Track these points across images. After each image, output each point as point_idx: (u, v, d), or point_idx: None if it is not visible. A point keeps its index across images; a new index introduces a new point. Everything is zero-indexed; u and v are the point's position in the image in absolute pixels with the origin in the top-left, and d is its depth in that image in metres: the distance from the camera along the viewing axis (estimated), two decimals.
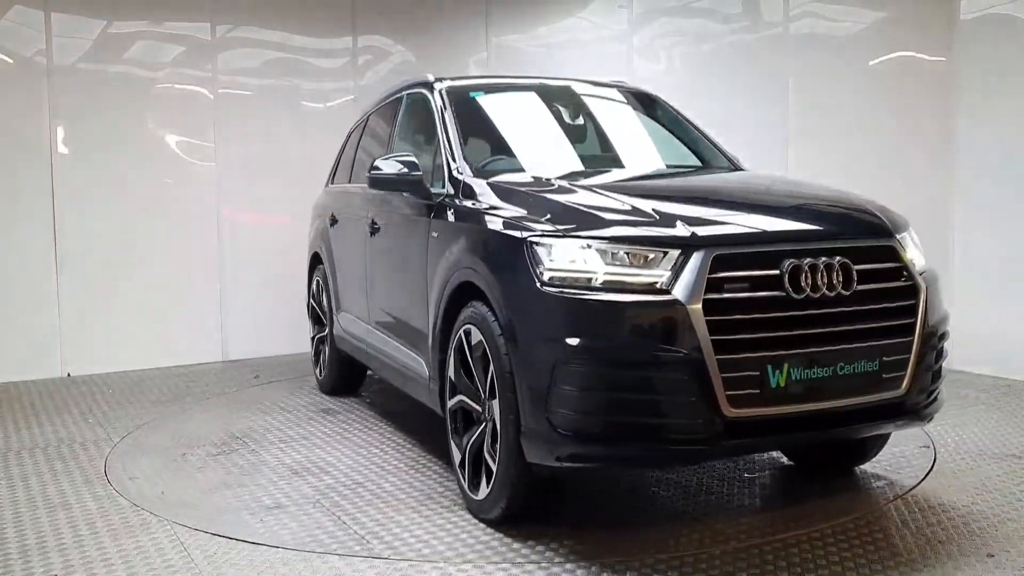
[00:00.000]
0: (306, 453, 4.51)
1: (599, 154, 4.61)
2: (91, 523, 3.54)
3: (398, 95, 5.14)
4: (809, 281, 3.05)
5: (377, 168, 4.17)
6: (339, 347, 5.57)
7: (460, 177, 3.96)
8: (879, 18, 6.62)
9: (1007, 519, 3.40)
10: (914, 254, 3.41)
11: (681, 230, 3.08)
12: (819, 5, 6.81)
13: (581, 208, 3.34)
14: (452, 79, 4.76)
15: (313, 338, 6.15)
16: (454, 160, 4.07)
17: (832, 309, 3.08)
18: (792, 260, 3.05)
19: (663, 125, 4.91)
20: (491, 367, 3.28)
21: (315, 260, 6.10)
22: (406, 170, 4.11)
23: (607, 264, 3.03)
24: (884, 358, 3.14)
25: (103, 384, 6.34)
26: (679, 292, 2.94)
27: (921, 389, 3.30)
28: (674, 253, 3.00)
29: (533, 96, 4.85)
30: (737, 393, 2.92)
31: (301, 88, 7.62)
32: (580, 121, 4.78)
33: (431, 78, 4.76)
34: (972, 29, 6.14)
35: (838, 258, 3.11)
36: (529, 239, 3.17)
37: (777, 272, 3.03)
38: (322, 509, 3.68)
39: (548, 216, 3.29)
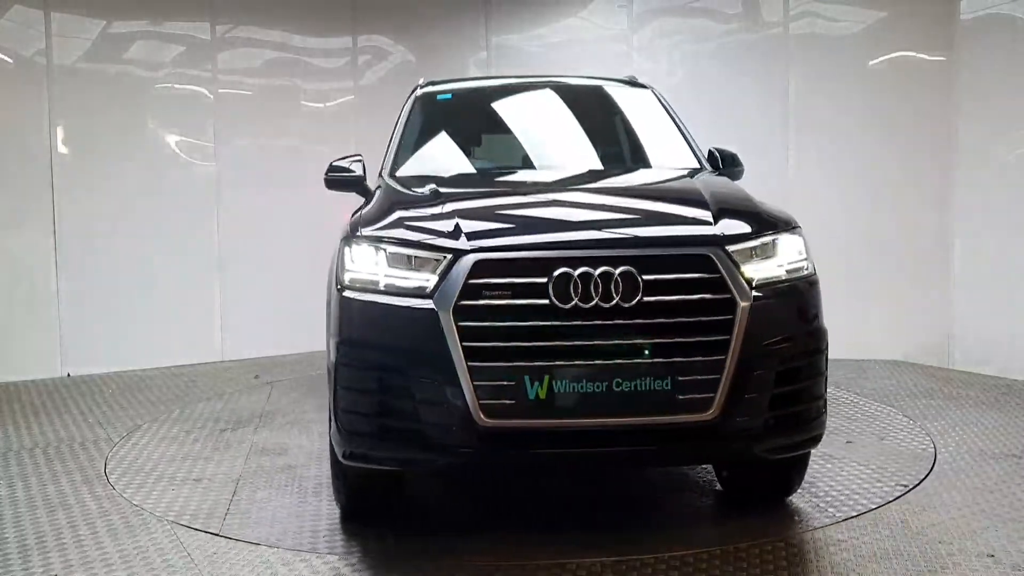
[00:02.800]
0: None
1: (532, 154, 4.51)
2: (91, 523, 3.54)
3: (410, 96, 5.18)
4: (579, 291, 2.88)
5: (329, 168, 4.29)
6: None
7: (382, 177, 4.12)
8: (879, 18, 6.62)
9: (1007, 519, 3.40)
10: (757, 266, 3.06)
11: (455, 235, 3.06)
12: (819, 5, 6.81)
13: (394, 211, 3.40)
14: (436, 82, 4.91)
15: None
16: (385, 160, 4.28)
17: (607, 321, 2.88)
18: (564, 269, 2.90)
19: (630, 122, 4.72)
20: None
21: None
22: (351, 171, 4.24)
23: (389, 267, 3.07)
24: (679, 377, 2.87)
25: (103, 384, 6.34)
26: (437, 297, 2.93)
27: (747, 416, 2.95)
28: (444, 258, 2.99)
29: (506, 96, 4.89)
30: (491, 403, 2.86)
31: (301, 88, 7.62)
32: (542, 121, 4.74)
33: (421, 81, 4.90)
34: (972, 29, 6.14)
35: (621, 268, 2.89)
36: (341, 240, 3.29)
37: (544, 280, 2.90)
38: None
39: (370, 218, 3.38)
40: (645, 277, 2.90)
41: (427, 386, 2.92)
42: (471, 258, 2.95)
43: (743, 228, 3.16)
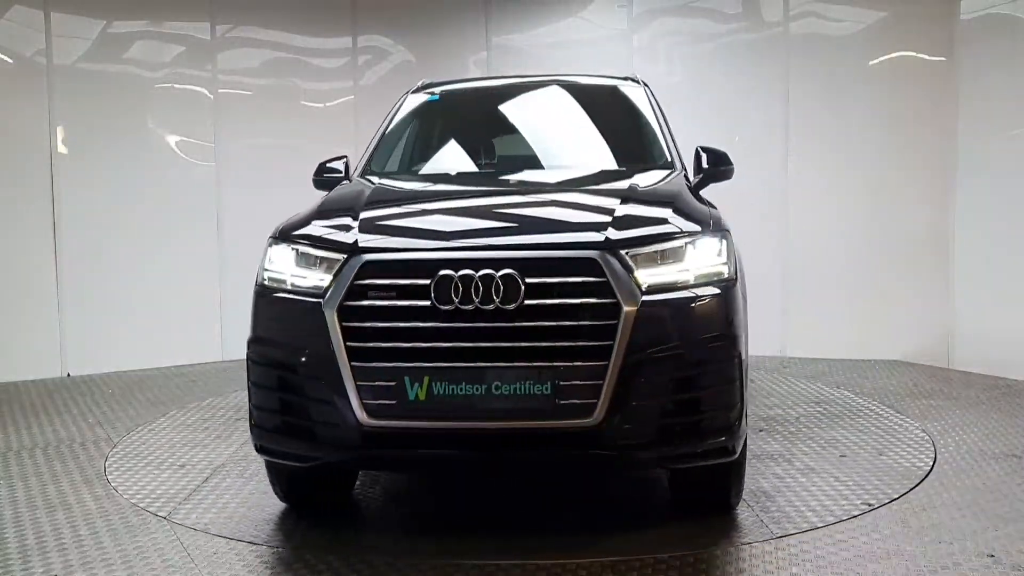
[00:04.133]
0: None
1: (500, 155, 4.57)
2: (91, 523, 3.54)
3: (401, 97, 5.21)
4: (460, 293, 2.87)
5: (317, 170, 4.38)
6: None
7: (350, 177, 4.22)
8: (879, 18, 6.63)
9: (1007, 519, 3.40)
10: (655, 270, 2.98)
11: (350, 236, 3.12)
12: (819, 5, 6.81)
13: (318, 212, 3.46)
14: (435, 83, 4.96)
15: None
16: (361, 160, 4.39)
17: (487, 323, 2.86)
18: (447, 271, 2.90)
19: (610, 121, 4.66)
20: None
21: None
22: (337, 171, 4.30)
23: (296, 267, 3.14)
24: (560, 382, 2.83)
25: (103, 384, 6.34)
26: (327, 297, 2.98)
27: (633, 423, 2.88)
28: (338, 258, 3.05)
29: (491, 97, 4.93)
30: (374, 403, 2.89)
31: (301, 88, 7.62)
32: (519, 122, 4.76)
33: (422, 82, 4.94)
34: (972, 29, 6.14)
35: (504, 271, 2.88)
36: (269, 238, 3.35)
37: (427, 282, 2.91)
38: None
39: (296, 219, 3.45)
40: (528, 280, 2.88)
41: (316, 385, 2.98)
42: (359, 259, 3.00)
43: (643, 231, 3.09)
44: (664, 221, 3.19)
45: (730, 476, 3.33)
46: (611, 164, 4.27)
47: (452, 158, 4.59)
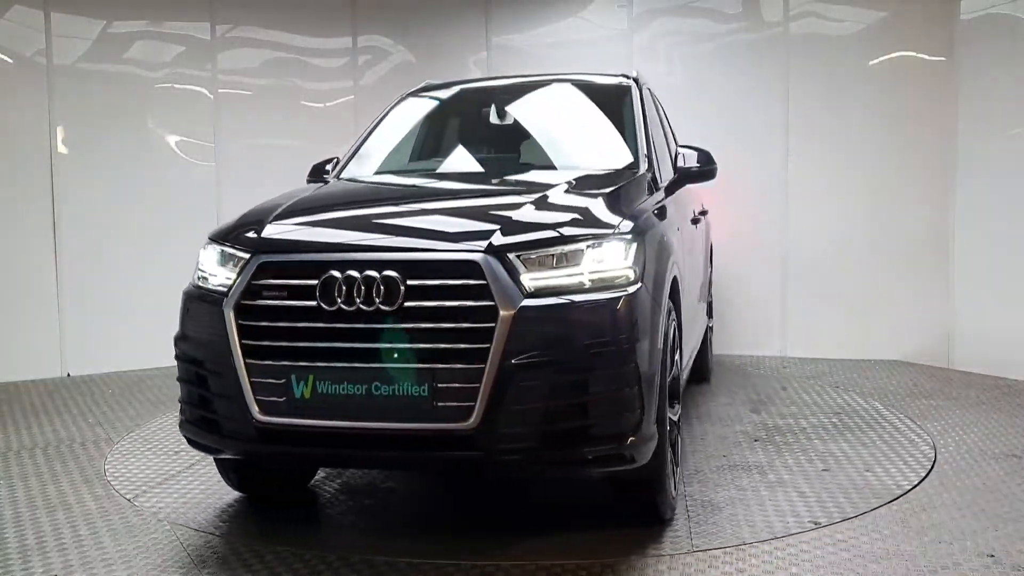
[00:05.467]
0: None
1: (467, 157, 4.58)
2: (91, 523, 3.54)
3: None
4: (343, 294, 2.92)
5: (310, 172, 4.57)
6: None
7: (325, 179, 4.39)
8: (879, 18, 6.63)
9: (1007, 519, 3.40)
10: (544, 274, 2.93)
11: (256, 236, 3.23)
12: (819, 5, 6.81)
13: (254, 213, 3.52)
14: (436, 84, 5.04)
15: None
16: (341, 161, 4.57)
17: (368, 324, 2.90)
18: (333, 272, 2.95)
19: (584, 122, 4.63)
20: None
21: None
22: (326, 171, 4.49)
23: (216, 267, 3.27)
24: (438, 384, 2.83)
25: (103, 384, 6.34)
26: (228, 295, 3.10)
27: (511, 427, 2.84)
28: (243, 257, 3.15)
29: (479, 98, 4.96)
30: (266, 400, 2.97)
31: (301, 88, 7.62)
32: (500, 121, 4.78)
33: (422, 83, 5.03)
34: (972, 29, 6.14)
35: (386, 272, 2.90)
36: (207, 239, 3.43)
37: (314, 282, 2.96)
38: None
39: (234, 220, 3.52)
40: (409, 282, 2.90)
41: (219, 381, 3.10)
42: (257, 259, 3.10)
43: (536, 235, 3.03)
44: (568, 224, 3.13)
45: (652, 486, 3.24)
46: (569, 165, 4.20)
47: (416, 160, 4.65)
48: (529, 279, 2.91)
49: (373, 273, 2.91)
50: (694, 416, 5.07)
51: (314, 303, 2.96)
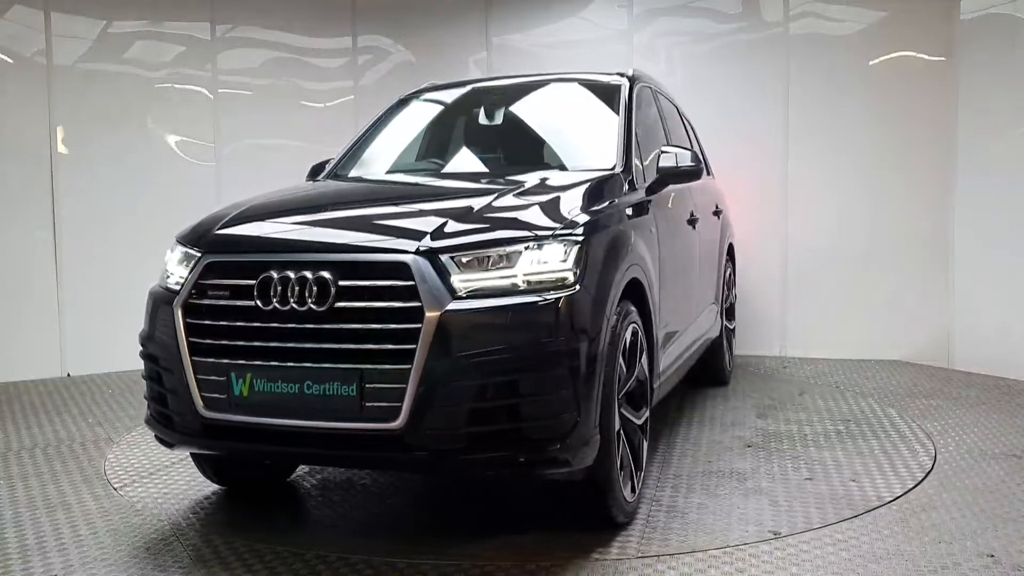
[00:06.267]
0: None
1: (448, 159, 4.59)
2: (91, 523, 3.54)
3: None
4: (278, 293, 2.97)
5: (309, 172, 4.68)
6: None
7: (314, 180, 4.52)
8: (879, 18, 6.63)
9: (1007, 519, 3.40)
10: (477, 275, 2.93)
11: (208, 236, 3.32)
12: (819, 5, 6.81)
13: (220, 213, 3.58)
14: (437, 85, 5.09)
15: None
16: (335, 160, 4.70)
17: (301, 324, 2.95)
18: (271, 272, 3.01)
19: (563, 122, 4.62)
20: None
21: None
22: (320, 172, 4.63)
23: (175, 265, 3.36)
24: (367, 384, 2.86)
25: (103, 384, 6.34)
26: (179, 294, 3.20)
27: (438, 428, 2.84)
28: (195, 256, 3.26)
29: (471, 99, 4.93)
30: (209, 396, 3.07)
31: (301, 88, 7.62)
32: (489, 122, 4.77)
33: (425, 84, 5.09)
34: (972, 29, 6.15)
35: (321, 273, 2.95)
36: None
37: (252, 282, 3.04)
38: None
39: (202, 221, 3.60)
40: (341, 283, 2.93)
41: (170, 377, 3.20)
42: (205, 259, 3.20)
43: (472, 237, 3.03)
44: (510, 225, 3.14)
45: (602, 490, 3.19)
46: (544, 166, 4.18)
47: (396, 162, 4.66)
48: (460, 280, 2.91)
49: (308, 274, 2.97)
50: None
51: (252, 303, 3.03)
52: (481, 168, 4.41)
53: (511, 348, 2.86)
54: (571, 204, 3.35)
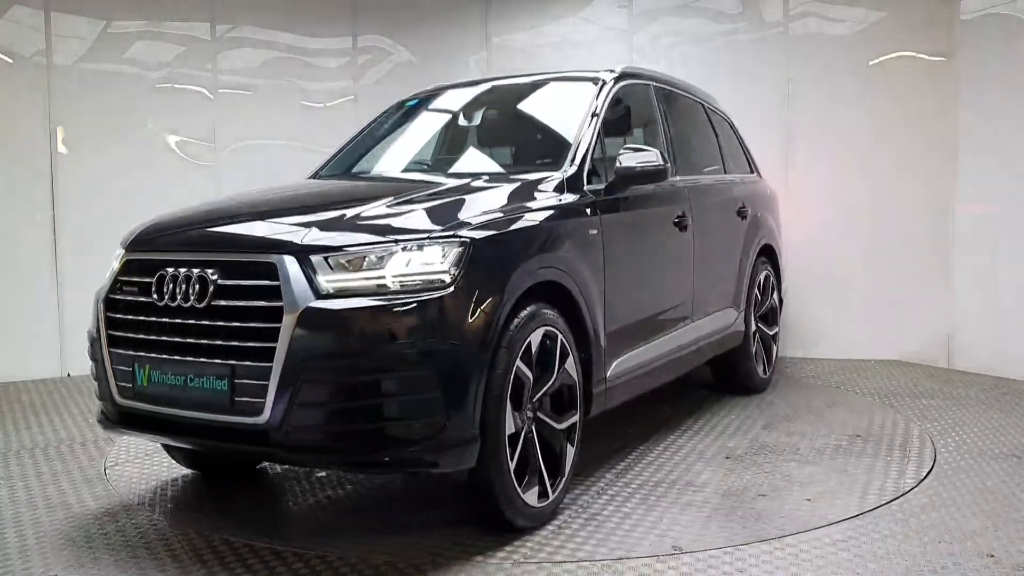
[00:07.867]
0: None
1: (426, 161, 4.72)
2: (91, 523, 3.54)
3: None
4: (170, 290, 3.17)
5: (313, 174, 4.80)
6: None
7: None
8: (879, 18, 6.63)
9: (1007, 519, 3.40)
10: (344, 276, 2.98)
11: (131, 234, 3.53)
12: (819, 5, 6.81)
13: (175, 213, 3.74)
14: (441, 86, 5.13)
15: None
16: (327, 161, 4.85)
17: (184, 320, 3.13)
18: (167, 269, 3.21)
19: (534, 123, 4.64)
20: None
21: None
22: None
23: (113, 262, 3.54)
24: (236, 380, 2.98)
25: None
26: (102, 289, 3.45)
27: (298, 425, 2.90)
28: (119, 253, 3.51)
29: (461, 100, 4.98)
30: (122, 385, 3.29)
31: (301, 88, 7.62)
32: (468, 123, 4.85)
33: (431, 86, 5.17)
34: (972, 29, 6.15)
35: (205, 271, 3.12)
36: None
37: (151, 279, 3.24)
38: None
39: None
40: (220, 281, 3.09)
41: (98, 366, 3.41)
42: (124, 256, 3.45)
43: (347, 237, 3.10)
44: (391, 227, 3.16)
45: (491, 493, 3.17)
46: (493, 169, 4.30)
47: (359, 164, 4.73)
48: (326, 280, 2.97)
49: (195, 271, 3.14)
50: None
51: (150, 299, 3.23)
52: (416, 175, 4.47)
53: (370, 348, 2.91)
54: (474, 207, 3.38)
